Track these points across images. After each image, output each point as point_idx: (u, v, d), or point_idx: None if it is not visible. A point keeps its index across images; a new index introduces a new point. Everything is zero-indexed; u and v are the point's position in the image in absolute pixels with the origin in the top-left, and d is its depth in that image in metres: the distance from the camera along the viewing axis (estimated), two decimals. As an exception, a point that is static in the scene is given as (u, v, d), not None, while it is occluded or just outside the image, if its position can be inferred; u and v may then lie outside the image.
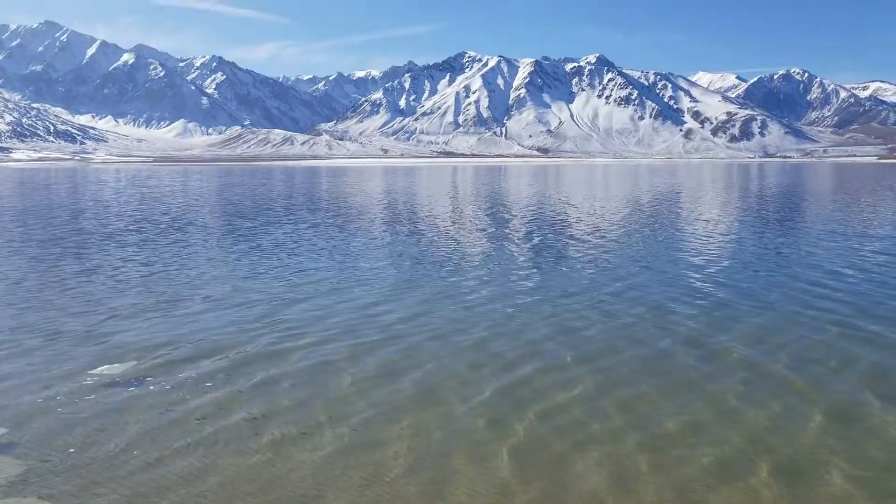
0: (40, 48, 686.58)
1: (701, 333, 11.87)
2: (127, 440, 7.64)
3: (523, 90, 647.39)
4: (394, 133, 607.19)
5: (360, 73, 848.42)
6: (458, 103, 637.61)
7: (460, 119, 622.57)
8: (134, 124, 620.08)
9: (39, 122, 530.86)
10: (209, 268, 18.39)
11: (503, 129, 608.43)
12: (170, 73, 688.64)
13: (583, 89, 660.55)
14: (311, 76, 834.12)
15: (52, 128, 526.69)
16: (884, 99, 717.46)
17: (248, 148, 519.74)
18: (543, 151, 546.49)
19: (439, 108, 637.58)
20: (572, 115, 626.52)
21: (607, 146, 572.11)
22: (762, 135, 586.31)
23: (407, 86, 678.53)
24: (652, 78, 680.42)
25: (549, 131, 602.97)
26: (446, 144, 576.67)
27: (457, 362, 10.34)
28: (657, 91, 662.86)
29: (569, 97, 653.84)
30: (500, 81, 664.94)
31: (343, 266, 18.76)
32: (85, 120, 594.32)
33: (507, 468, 7.10)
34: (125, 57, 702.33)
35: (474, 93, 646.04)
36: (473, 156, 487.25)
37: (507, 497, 6.53)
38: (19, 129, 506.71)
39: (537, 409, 8.60)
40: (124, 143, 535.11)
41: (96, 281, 16.43)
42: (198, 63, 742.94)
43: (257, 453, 7.39)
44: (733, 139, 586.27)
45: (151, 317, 12.93)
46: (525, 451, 7.47)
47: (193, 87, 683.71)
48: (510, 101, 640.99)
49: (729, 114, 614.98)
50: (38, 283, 16.21)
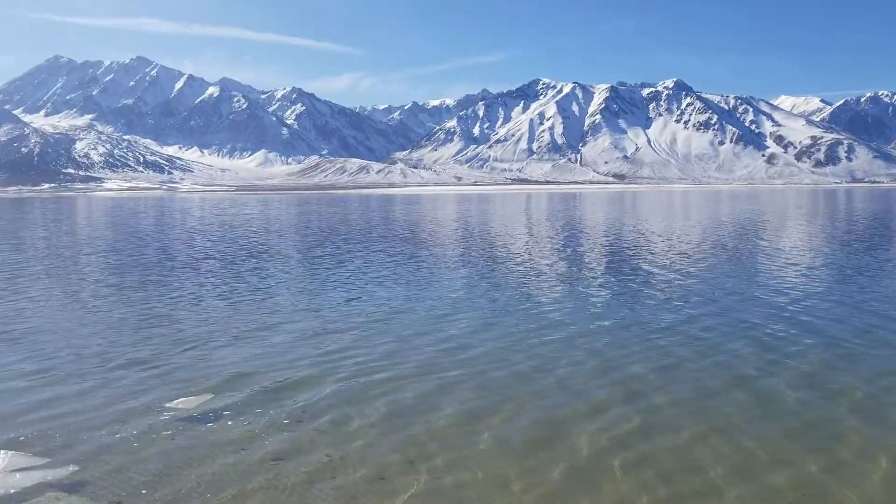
0: (132, 83, 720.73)
1: (758, 371, 11.16)
2: (200, 480, 7.48)
3: (598, 116, 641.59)
4: (467, 161, 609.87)
5: (435, 102, 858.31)
6: (532, 130, 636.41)
7: (534, 146, 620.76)
8: (218, 154, 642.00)
9: (130, 153, 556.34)
10: (285, 297, 18.44)
11: (578, 156, 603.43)
12: (252, 105, 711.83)
13: (660, 114, 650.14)
14: (386, 105, 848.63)
15: (141, 158, 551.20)
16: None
17: (326, 177, 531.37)
18: (620, 178, 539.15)
19: (513, 135, 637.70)
20: (649, 141, 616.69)
21: (686, 172, 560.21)
22: (849, 159, 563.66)
23: (481, 113, 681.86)
24: (732, 102, 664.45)
25: (625, 157, 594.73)
26: (520, 171, 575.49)
27: (538, 406, 9.85)
28: (738, 115, 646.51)
29: (646, 122, 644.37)
30: (575, 108, 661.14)
31: (417, 297, 18.54)
32: (172, 151, 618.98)
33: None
34: (210, 90, 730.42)
35: (548, 119, 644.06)
36: (548, 182, 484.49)
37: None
38: (111, 159, 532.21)
39: (623, 457, 8.07)
40: (209, 172, 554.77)
41: (173, 309, 16.66)
42: (279, 95, 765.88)
43: (335, 499, 7.11)
44: (818, 164, 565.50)
45: (227, 347, 12.92)
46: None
47: (274, 119, 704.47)
48: (585, 128, 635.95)
49: (813, 138, 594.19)
50: (117, 310, 16.53)
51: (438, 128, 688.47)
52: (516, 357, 12.21)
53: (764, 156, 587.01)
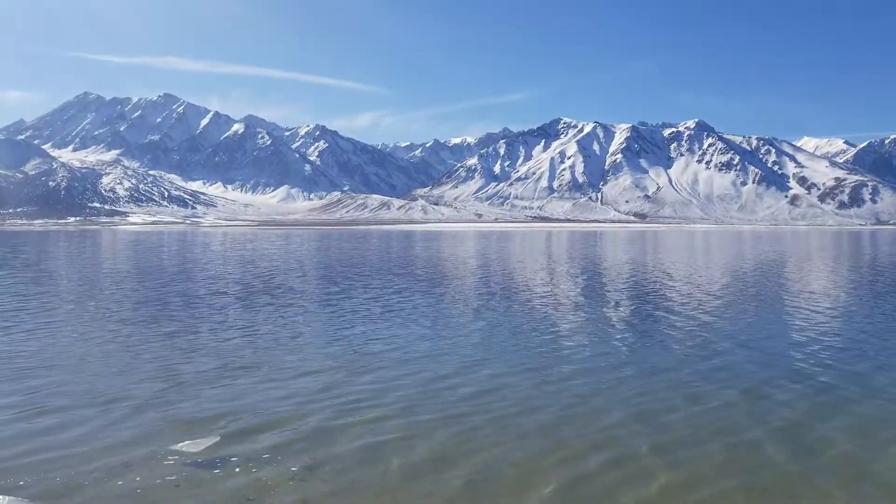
0: (158, 119, 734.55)
1: (797, 423, 10.55)
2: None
3: (619, 155, 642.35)
4: (488, 198, 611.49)
5: (456, 140, 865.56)
6: (552, 168, 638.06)
7: (555, 184, 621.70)
8: (241, 190, 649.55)
9: (155, 188, 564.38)
10: (302, 337, 18.03)
11: (599, 195, 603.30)
12: (276, 142, 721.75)
13: (682, 154, 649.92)
14: (408, 143, 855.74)
15: (166, 193, 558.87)
16: None
17: (347, 212, 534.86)
18: (641, 217, 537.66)
19: (534, 173, 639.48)
20: (671, 181, 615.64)
21: (708, 212, 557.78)
22: (873, 201, 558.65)
23: (502, 152, 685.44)
24: (754, 143, 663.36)
25: (646, 196, 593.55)
26: (541, 209, 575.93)
27: (516, 451, 9.37)
28: (760, 156, 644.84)
29: (667, 162, 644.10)
30: (596, 147, 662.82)
31: (418, 335, 18.11)
32: (196, 186, 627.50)
33: None
34: (235, 127, 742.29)
35: (569, 158, 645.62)
36: (568, 220, 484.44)
37: None
38: (136, 194, 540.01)
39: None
40: (232, 207, 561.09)
41: (182, 346, 16.26)
42: (302, 132, 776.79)
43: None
44: (842, 206, 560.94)
45: (230, 386, 12.49)
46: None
47: (297, 155, 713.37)
48: (606, 167, 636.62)
49: (837, 179, 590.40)
50: (124, 346, 16.16)
51: (459, 165, 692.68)
52: (501, 402, 11.72)
53: (787, 197, 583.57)
